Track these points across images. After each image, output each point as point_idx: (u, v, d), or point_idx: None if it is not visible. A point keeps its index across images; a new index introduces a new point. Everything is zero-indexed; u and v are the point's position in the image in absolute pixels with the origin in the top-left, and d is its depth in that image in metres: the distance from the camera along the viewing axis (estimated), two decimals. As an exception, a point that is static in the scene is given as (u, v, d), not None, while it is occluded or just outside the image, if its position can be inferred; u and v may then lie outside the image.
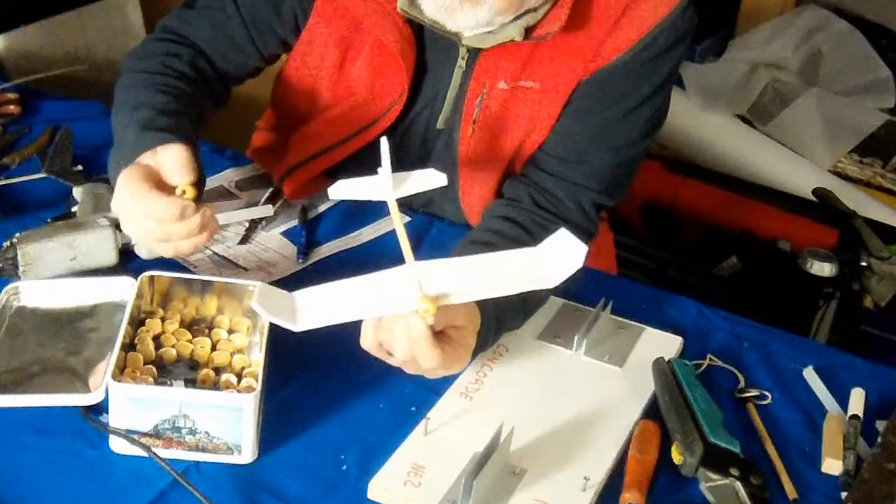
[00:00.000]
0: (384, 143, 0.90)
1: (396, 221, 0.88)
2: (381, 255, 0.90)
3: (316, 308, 0.87)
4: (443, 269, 0.88)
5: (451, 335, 0.94)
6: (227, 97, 1.29)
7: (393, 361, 0.95)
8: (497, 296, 0.87)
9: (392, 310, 0.88)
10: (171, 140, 1.01)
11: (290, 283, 1.16)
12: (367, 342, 0.93)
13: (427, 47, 1.18)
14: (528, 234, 1.13)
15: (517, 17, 1.07)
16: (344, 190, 0.97)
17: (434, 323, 0.89)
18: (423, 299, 0.85)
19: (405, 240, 0.87)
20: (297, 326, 0.85)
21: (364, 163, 1.02)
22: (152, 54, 1.19)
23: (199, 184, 1.01)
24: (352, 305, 0.87)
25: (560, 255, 0.87)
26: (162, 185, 0.97)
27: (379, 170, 0.93)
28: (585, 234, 1.20)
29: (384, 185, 0.91)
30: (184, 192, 0.98)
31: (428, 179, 0.97)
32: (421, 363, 0.91)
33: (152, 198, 0.95)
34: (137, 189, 0.95)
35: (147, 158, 0.99)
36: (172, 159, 0.98)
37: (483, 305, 0.99)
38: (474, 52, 1.15)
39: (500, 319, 1.04)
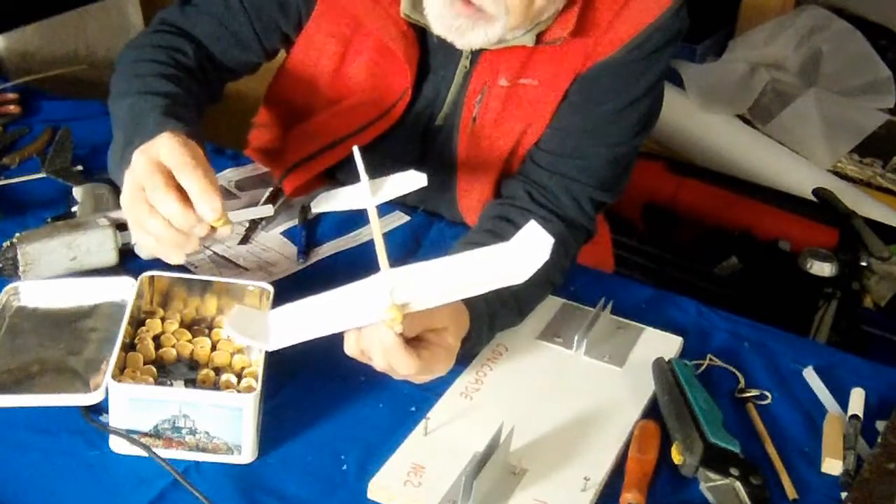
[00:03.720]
0: (356, 152, 0.90)
1: (375, 229, 0.88)
2: (380, 256, 0.90)
3: (289, 325, 0.86)
4: (415, 274, 0.88)
5: (429, 339, 0.94)
6: (221, 93, 1.28)
7: (376, 367, 0.95)
8: (466, 297, 0.87)
9: (360, 321, 0.88)
10: (195, 137, 0.96)
11: (290, 283, 1.17)
12: (350, 350, 0.93)
13: (430, 48, 1.18)
14: None
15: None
16: (325, 202, 0.97)
17: (406, 330, 0.88)
18: (391, 308, 0.84)
19: (381, 247, 0.86)
20: (270, 346, 0.85)
21: (368, 159, 1.01)
22: (154, 45, 1.17)
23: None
24: (323, 320, 0.87)
25: (528, 250, 0.86)
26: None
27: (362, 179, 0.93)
28: (584, 231, 1.20)
29: (363, 192, 0.91)
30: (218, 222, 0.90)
31: (408, 182, 0.96)
32: (398, 371, 0.92)
33: (171, 198, 0.88)
34: (159, 170, 0.88)
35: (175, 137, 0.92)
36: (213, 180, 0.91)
37: (472, 305, 0.99)
38: (477, 52, 1.15)
39: (492, 317, 1.04)
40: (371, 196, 0.91)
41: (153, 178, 0.89)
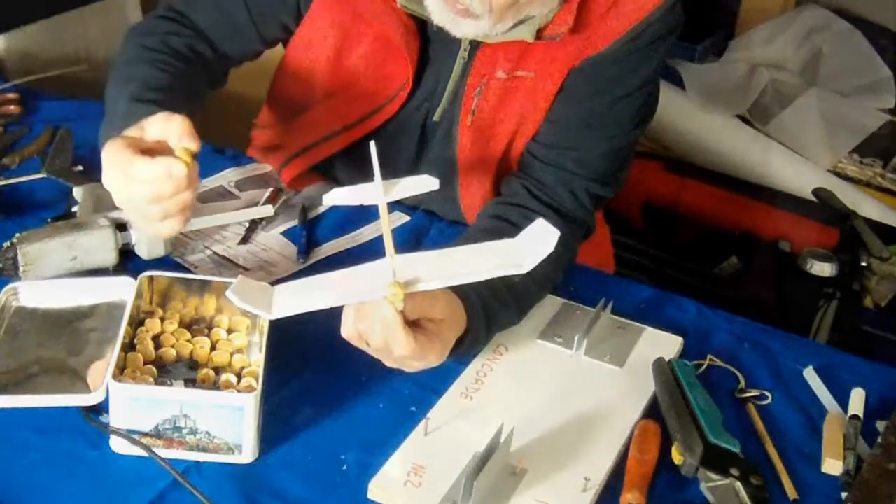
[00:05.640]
0: (373, 147, 0.90)
1: (384, 220, 0.89)
2: (380, 255, 0.90)
3: (292, 297, 0.87)
4: (419, 260, 0.90)
5: (428, 327, 0.94)
6: (225, 79, 1.29)
7: (370, 351, 0.95)
8: (468, 281, 0.88)
9: (362, 296, 0.89)
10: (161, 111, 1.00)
11: (290, 283, 1.17)
12: (347, 331, 0.94)
13: (430, 39, 1.19)
14: (518, 231, 1.13)
15: (525, 20, 1.09)
16: (338, 197, 0.98)
17: (407, 311, 0.89)
18: (392, 285, 0.86)
19: (389, 237, 0.88)
20: (272, 315, 0.86)
21: (363, 153, 1.01)
22: (154, 31, 1.20)
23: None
24: (325, 294, 0.88)
25: (534, 242, 0.88)
26: (147, 153, 0.96)
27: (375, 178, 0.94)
28: (583, 226, 1.21)
29: (376, 190, 0.92)
30: (184, 158, 0.95)
31: (420, 184, 0.97)
32: (394, 350, 0.91)
33: (137, 162, 0.94)
34: (122, 157, 0.94)
35: (132, 131, 0.98)
36: (176, 126, 0.96)
37: (468, 304, 0.99)
38: (476, 44, 1.16)
39: (489, 315, 1.04)
40: (383, 194, 0.92)
41: (120, 161, 0.95)
